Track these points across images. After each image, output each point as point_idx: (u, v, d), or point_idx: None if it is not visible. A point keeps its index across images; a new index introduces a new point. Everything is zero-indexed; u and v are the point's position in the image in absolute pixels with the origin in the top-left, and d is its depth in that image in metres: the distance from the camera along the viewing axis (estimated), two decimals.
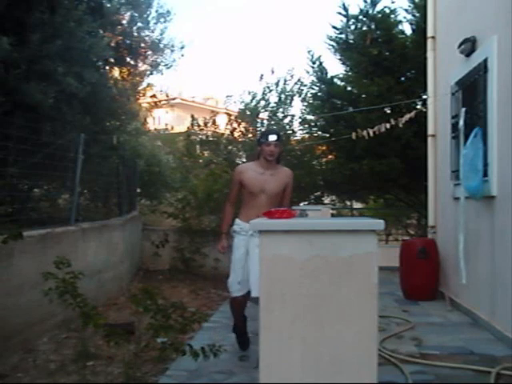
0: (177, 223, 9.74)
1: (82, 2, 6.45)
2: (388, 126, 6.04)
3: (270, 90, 10.06)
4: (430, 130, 6.89)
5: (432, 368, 3.72)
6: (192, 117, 11.22)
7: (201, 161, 11.01)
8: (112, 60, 7.73)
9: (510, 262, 4.20)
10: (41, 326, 4.87)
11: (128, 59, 8.44)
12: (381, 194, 11.52)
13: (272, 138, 4.02)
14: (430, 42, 6.91)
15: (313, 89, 10.18)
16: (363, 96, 9.00)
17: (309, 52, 9.84)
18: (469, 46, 5.28)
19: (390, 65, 8.83)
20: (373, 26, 9.18)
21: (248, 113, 10.08)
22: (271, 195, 4.04)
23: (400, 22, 9.25)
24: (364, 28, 9.31)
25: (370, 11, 9.20)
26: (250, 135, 10.02)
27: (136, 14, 8.05)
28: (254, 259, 3.65)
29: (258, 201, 4.01)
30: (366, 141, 6.81)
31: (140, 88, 9.61)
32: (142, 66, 8.85)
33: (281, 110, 10.06)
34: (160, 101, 11.78)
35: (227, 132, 10.56)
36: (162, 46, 8.53)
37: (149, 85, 10.39)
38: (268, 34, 65.65)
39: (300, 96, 10.24)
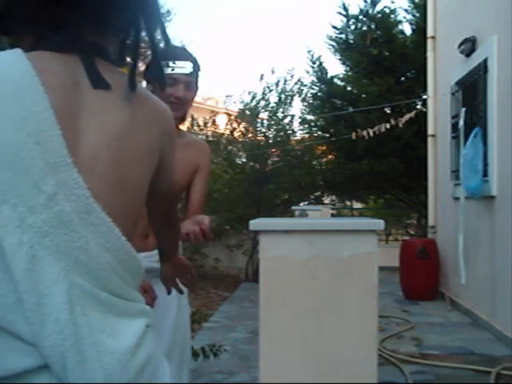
0: None
1: None
2: (388, 125, 6.06)
3: (270, 90, 10.03)
4: (430, 130, 6.89)
5: (432, 368, 3.72)
6: (192, 117, 11.20)
7: None
8: None
9: (510, 261, 4.20)
10: None
11: (128, 59, 8.46)
12: (381, 194, 11.52)
13: (183, 66, 1.74)
14: (429, 42, 6.92)
15: (313, 89, 10.18)
16: (363, 96, 9.00)
17: (309, 52, 9.85)
18: (469, 46, 5.29)
19: (389, 65, 8.83)
20: (373, 26, 9.18)
21: (248, 113, 10.06)
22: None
23: (400, 22, 9.27)
24: (364, 28, 9.31)
25: (370, 11, 9.20)
26: (250, 135, 10.00)
27: None
28: None
29: None
30: (365, 141, 6.81)
31: None
32: (142, 66, 8.86)
33: (281, 110, 10.03)
34: None
35: (227, 132, 10.55)
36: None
37: None
38: (268, 34, 65.70)
39: (300, 96, 10.22)
